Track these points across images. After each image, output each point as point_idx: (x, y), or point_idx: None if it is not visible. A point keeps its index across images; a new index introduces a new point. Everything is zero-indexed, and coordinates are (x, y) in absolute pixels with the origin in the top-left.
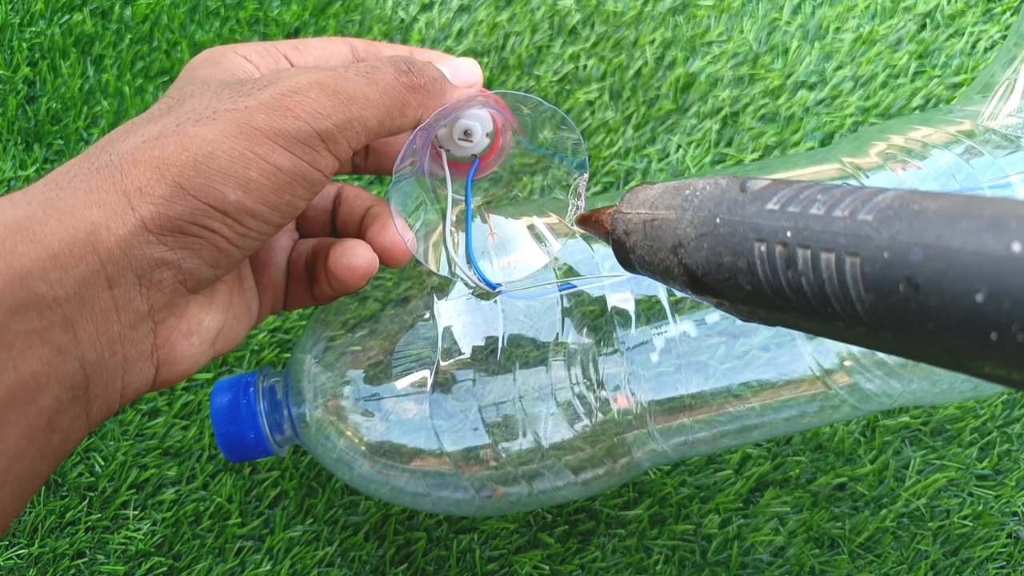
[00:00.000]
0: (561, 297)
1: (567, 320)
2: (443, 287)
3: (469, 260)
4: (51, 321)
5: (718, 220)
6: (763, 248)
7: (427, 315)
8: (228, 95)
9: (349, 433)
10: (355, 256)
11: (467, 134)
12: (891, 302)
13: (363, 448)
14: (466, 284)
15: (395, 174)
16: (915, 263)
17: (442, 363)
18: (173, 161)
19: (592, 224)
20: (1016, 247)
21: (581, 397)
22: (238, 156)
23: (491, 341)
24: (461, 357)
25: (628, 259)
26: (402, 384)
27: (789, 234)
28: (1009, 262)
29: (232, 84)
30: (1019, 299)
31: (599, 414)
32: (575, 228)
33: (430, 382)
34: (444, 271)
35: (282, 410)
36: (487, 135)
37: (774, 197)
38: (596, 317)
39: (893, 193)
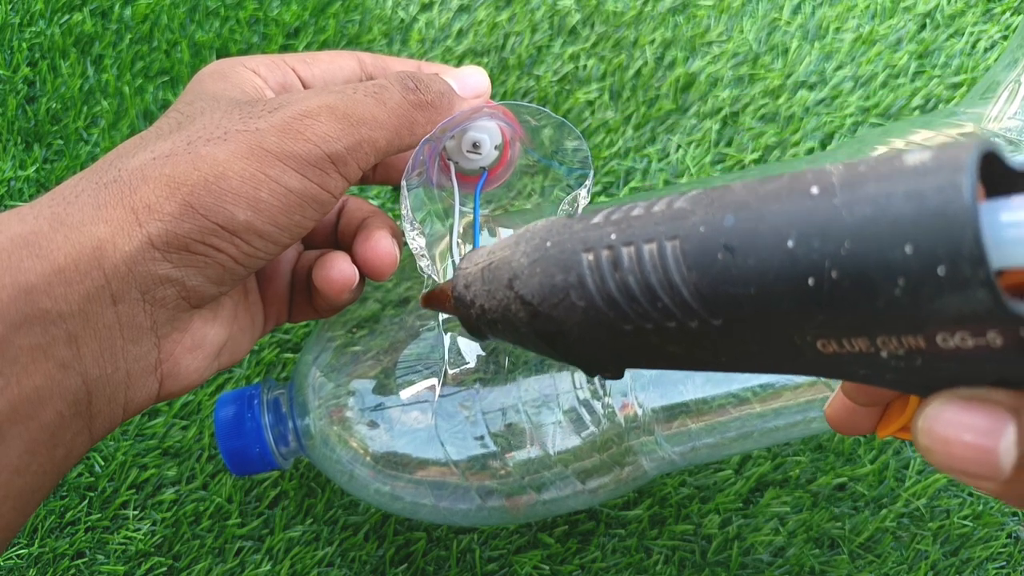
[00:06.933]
0: None
1: None
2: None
3: None
4: (55, 336)
5: (548, 244)
6: (591, 257)
7: (431, 324)
8: (239, 115)
9: (354, 443)
10: (332, 269)
11: (476, 146)
12: (713, 275)
13: (368, 458)
14: None
15: (404, 184)
16: (729, 228)
17: (448, 372)
18: (184, 180)
19: (436, 297)
20: (814, 189)
21: (587, 405)
22: (249, 177)
23: (496, 350)
24: (466, 366)
25: (470, 315)
26: (407, 394)
27: (613, 236)
28: (811, 201)
29: (243, 103)
30: (827, 234)
31: (605, 421)
32: (424, 309)
33: (436, 391)
34: None
35: (287, 422)
36: (496, 147)
37: (599, 214)
38: None
39: (704, 187)
